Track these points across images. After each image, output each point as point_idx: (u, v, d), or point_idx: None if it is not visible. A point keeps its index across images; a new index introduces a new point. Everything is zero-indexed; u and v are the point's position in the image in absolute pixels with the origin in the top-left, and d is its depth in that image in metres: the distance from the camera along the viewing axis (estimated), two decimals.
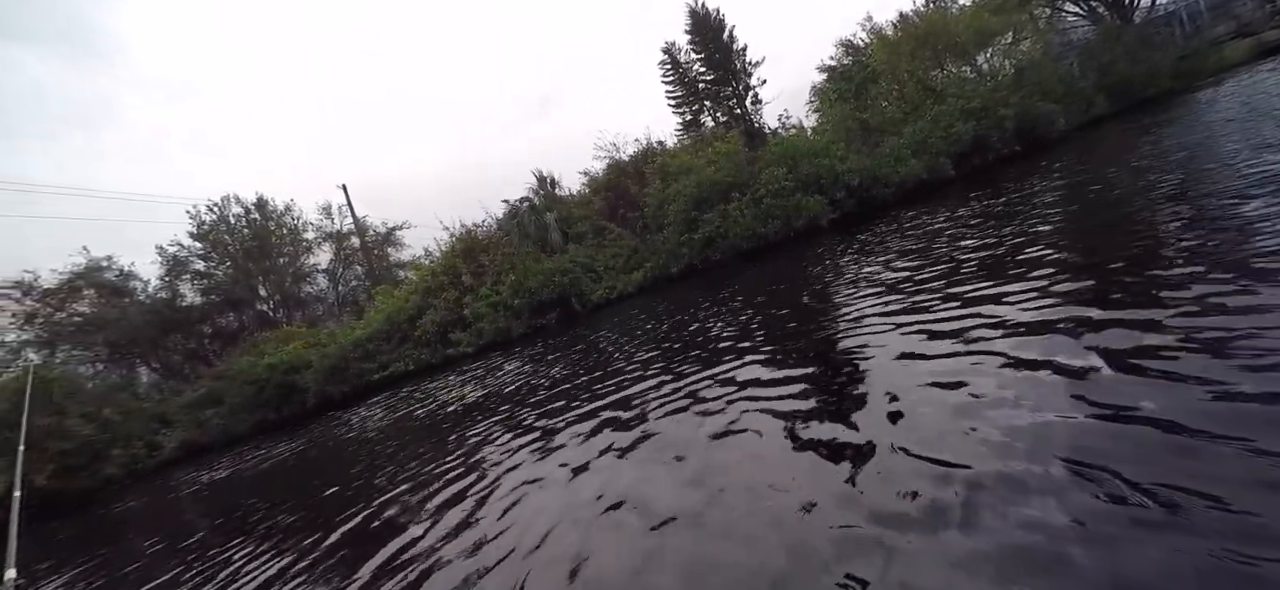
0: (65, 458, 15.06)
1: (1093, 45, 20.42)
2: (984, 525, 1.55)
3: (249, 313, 28.44)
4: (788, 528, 1.88)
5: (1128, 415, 1.84)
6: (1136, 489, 1.49)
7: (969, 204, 9.22)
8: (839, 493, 1.98)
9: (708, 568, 1.82)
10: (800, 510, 1.96)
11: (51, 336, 22.78)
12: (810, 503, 1.98)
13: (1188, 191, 4.84)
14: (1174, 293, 2.71)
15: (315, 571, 3.02)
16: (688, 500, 2.33)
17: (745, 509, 2.11)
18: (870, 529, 1.71)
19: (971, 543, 1.50)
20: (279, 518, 4.61)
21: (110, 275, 25.13)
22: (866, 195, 14.24)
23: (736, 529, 1.99)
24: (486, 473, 3.73)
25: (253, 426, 16.74)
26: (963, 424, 2.14)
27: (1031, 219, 6.03)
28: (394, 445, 6.28)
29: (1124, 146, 9.71)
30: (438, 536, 2.92)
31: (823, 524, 1.83)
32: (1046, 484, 1.64)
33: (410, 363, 16.16)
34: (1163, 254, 3.40)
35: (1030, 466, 1.74)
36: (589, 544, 2.29)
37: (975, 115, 15.05)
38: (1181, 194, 4.81)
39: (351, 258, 31.71)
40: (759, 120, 27.75)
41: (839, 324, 4.41)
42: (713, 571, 1.79)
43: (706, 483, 2.44)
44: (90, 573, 5.36)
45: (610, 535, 2.32)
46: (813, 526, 1.84)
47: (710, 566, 1.82)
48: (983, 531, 1.53)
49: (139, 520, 8.32)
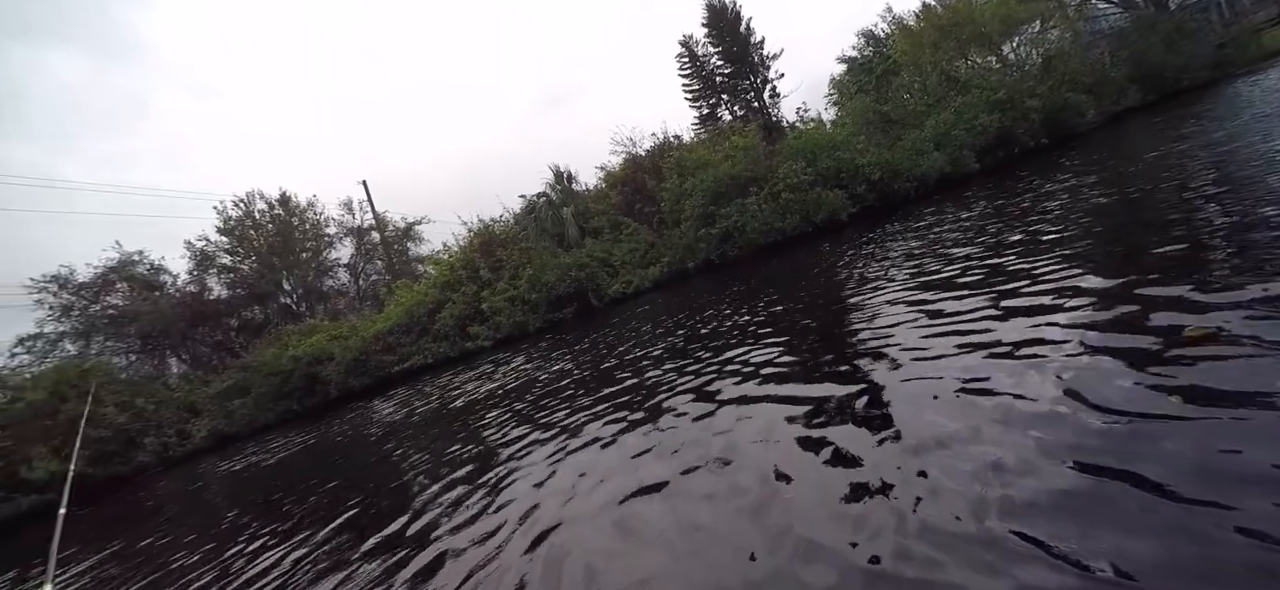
0: (101, 445, 15.62)
1: (1125, 33, 19.76)
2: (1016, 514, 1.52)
3: (273, 306, 29.10)
4: (802, 528, 1.87)
5: (1148, 423, 1.78)
6: (1161, 492, 1.44)
7: (992, 198, 9.02)
8: (857, 495, 1.96)
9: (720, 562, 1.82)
10: (816, 510, 1.94)
11: (87, 328, 23.63)
12: (827, 504, 1.96)
13: (1228, 191, 4.66)
14: (1218, 295, 2.61)
15: (330, 555, 3.09)
16: (693, 495, 2.33)
17: (757, 511, 2.10)
18: (892, 537, 1.69)
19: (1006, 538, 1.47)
20: (303, 504, 4.72)
21: (142, 269, 25.94)
22: (887, 189, 14.00)
23: (746, 530, 1.98)
24: (499, 465, 3.77)
25: (278, 417, 17.17)
26: (984, 426, 2.10)
27: (1059, 214, 5.88)
28: (412, 436, 6.39)
29: (1156, 139, 9.38)
30: (446, 526, 2.97)
31: (839, 531, 1.81)
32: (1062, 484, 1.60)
33: (429, 355, 16.40)
34: (1201, 256, 3.28)
35: (1048, 466, 1.70)
36: (597, 542, 2.31)
37: (1000, 107, 14.70)
38: (1221, 194, 4.62)
39: (372, 252, 32.26)
40: (777, 114, 27.49)
41: (858, 322, 4.35)
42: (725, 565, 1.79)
43: (718, 480, 2.44)
44: (123, 556, 5.57)
45: (620, 536, 2.32)
46: (827, 529, 1.82)
47: (720, 561, 1.82)
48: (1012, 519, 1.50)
49: (173, 504, 8.59)
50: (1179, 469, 1.52)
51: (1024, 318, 3.10)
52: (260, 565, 3.49)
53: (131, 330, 24.46)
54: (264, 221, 29.17)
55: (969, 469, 1.85)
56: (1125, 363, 2.20)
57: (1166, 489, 1.46)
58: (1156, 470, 1.54)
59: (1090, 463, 1.67)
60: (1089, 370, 2.25)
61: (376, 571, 2.75)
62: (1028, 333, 2.86)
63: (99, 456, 15.47)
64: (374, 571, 2.76)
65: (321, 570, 3.03)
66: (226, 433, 17.20)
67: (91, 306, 24.03)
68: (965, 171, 14.03)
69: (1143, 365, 2.12)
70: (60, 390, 16.25)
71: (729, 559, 1.84)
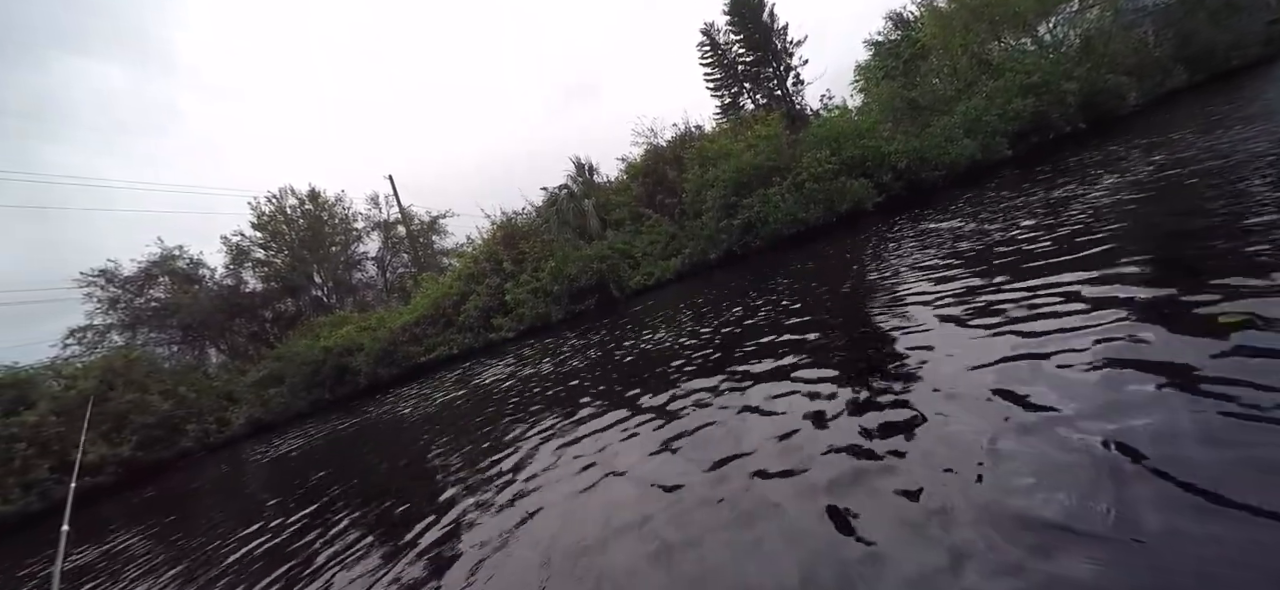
0: (148, 430, 16.41)
1: (1171, 10, 18.79)
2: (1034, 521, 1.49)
3: (305, 298, 30.00)
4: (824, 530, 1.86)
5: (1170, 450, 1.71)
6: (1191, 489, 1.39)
7: (1026, 186, 8.73)
8: (876, 498, 1.94)
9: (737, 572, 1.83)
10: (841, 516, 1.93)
11: (133, 320, 24.76)
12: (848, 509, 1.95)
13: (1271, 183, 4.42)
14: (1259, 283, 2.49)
15: (358, 540, 3.20)
16: (712, 498, 2.34)
17: (777, 510, 2.09)
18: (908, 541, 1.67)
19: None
20: (334, 490, 4.89)
21: (182, 264, 27.02)
22: (915, 178, 13.67)
23: (769, 533, 1.99)
24: (521, 458, 3.84)
25: (310, 405, 17.75)
26: (1016, 428, 2.05)
27: (1098, 205, 5.66)
28: (439, 426, 6.53)
29: (1205, 123, 8.94)
30: (470, 513, 3.04)
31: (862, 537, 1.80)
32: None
33: (454, 346, 16.74)
34: (1246, 250, 3.12)
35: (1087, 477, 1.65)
36: (610, 540, 2.33)
37: (1035, 90, 14.18)
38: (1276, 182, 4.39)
39: (398, 246, 32.95)
40: (801, 101, 27.00)
41: (882, 317, 4.28)
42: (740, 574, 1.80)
43: (733, 479, 2.44)
44: (164, 533, 5.85)
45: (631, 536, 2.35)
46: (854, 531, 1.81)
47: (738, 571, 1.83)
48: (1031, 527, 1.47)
49: (215, 488, 8.98)
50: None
51: (1054, 315, 3.01)
52: (295, 546, 3.63)
53: (173, 322, 25.55)
54: (295, 216, 30.04)
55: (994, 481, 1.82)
56: (1157, 356, 2.12)
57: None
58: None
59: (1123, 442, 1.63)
60: (1123, 354, 2.18)
61: (396, 558, 2.84)
62: (1061, 324, 2.78)
63: (145, 442, 16.26)
64: (394, 558, 2.85)
65: (351, 552, 3.14)
66: (263, 420, 17.86)
67: (136, 300, 25.17)
68: (997, 158, 13.60)
69: (1175, 356, 2.05)
70: (109, 378, 17.09)
71: (774, 557, 1.85)
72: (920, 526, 1.65)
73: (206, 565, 4.08)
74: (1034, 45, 17.94)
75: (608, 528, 2.40)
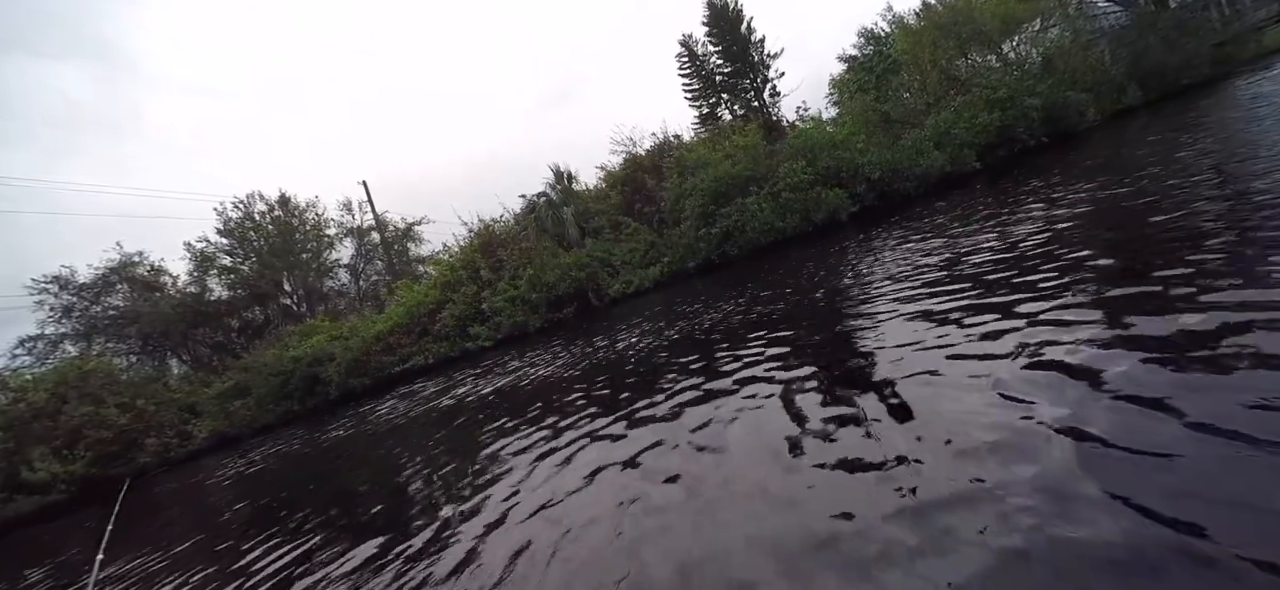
0: (103, 446, 15.65)
1: (1125, 31, 19.72)
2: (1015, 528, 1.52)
3: (274, 307, 29.14)
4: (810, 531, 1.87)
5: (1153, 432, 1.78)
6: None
7: (991, 197, 9.01)
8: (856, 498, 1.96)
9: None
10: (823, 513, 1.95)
11: (88, 329, 23.69)
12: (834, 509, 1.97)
13: (1227, 189, 4.66)
14: (1215, 297, 2.61)
15: (328, 557, 3.10)
16: (680, 495, 2.33)
17: (747, 513, 2.10)
18: (879, 534, 1.69)
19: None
20: (301, 507, 4.73)
21: (142, 270, 26.01)
22: (887, 188, 13.99)
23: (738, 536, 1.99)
24: (498, 464, 3.78)
25: (279, 417, 17.19)
26: (981, 426, 2.10)
27: (1058, 216, 5.88)
28: (412, 436, 6.39)
29: (1156, 138, 9.39)
30: (448, 525, 2.97)
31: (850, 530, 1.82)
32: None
33: (430, 356, 16.42)
34: (1195, 259, 3.27)
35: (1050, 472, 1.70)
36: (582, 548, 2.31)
37: (1001, 105, 14.68)
38: (1220, 194, 4.62)
39: (372, 253, 32.30)
40: (777, 113, 27.46)
41: (855, 323, 4.35)
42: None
43: (705, 485, 2.44)
44: (138, 552, 5.57)
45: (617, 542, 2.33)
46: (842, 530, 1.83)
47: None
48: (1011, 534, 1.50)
49: (174, 506, 8.60)
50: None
51: (1033, 324, 3.10)
52: (260, 565, 3.49)
53: (132, 331, 24.53)
54: (264, 222, 29.20)
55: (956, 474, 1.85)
56: (1128, 360, 2.20)
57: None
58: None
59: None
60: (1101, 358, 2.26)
61: (372, 572, 2.76)
62: (1019, 331, 2.86)
63: (101, 458, 15.51)
64: (370, 572, 2.77)
65: (319, 571, 3.03)
66: (227, 433, 17.22)
67: (92, 307, 24.12)
68: (966, 170, 14.02)
69: (1148, 362, 2.13)
70: (61, 391, 16.28)
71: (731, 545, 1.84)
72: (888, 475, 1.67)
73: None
74: (999, 62, 18.61)
75: (589, 531, 2.37)
